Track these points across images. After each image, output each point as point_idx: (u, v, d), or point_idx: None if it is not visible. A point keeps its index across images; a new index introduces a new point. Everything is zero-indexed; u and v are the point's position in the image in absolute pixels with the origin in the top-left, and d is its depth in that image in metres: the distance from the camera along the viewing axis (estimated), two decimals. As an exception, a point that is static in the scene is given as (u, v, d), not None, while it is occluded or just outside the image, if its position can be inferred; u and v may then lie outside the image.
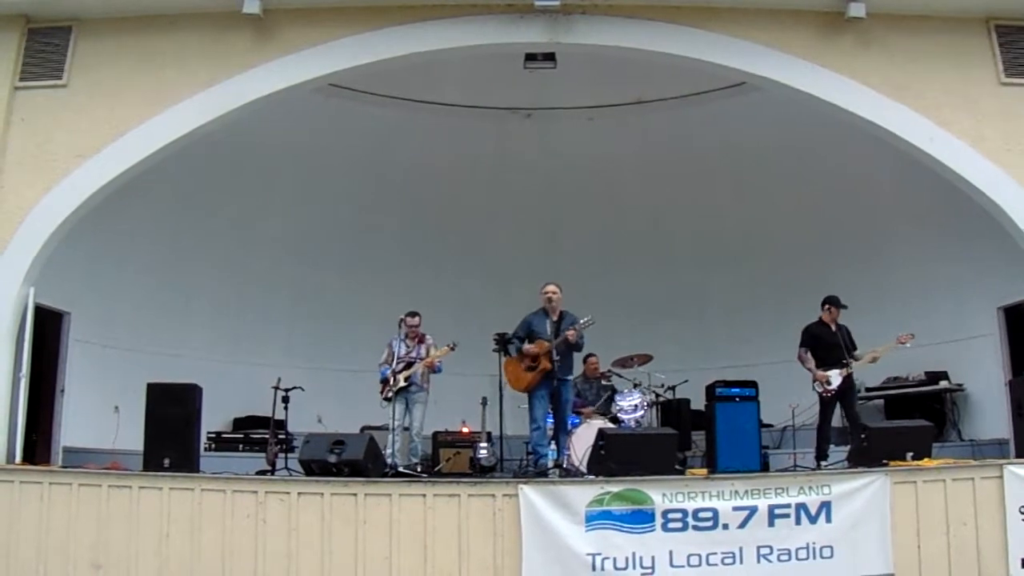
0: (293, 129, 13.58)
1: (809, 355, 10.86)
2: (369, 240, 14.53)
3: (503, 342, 10.49)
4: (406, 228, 14.71)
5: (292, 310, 14.45)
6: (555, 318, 10.33)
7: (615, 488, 8.80)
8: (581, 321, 10.09)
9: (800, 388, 11.37)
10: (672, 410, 12.61)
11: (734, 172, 14.23)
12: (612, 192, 14.59)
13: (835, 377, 10.78)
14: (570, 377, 10.43)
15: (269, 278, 14.35)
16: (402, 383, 10.95)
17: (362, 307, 13.73)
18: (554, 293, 10.37)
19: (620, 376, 12.67)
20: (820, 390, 10.89)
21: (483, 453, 11.66)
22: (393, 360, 11.13)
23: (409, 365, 11.05)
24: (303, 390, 11.73)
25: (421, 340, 11.20)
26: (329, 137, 13.89)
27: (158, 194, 12.88)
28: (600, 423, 11.26)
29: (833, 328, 11.11)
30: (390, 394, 10.92)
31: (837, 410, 10.92)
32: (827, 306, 11.16)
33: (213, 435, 13.01)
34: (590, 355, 12.41)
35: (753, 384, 10.56)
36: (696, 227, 14.57)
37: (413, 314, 11.19)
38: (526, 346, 10.18)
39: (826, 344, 10.99)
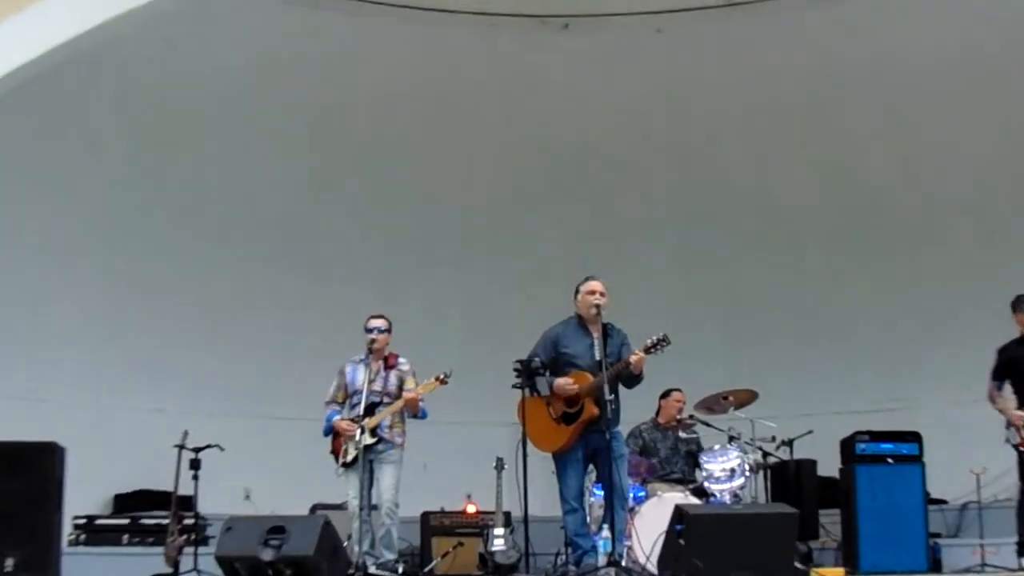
0: (222, 53, 13.68)
1: (1005, 390, 10.80)
2: (326, 219, 14.67)
3: (529, 372, 10.31)
4: (381, 200, 14.77)
5: (207, 328, 14.43)
6: (597, 334, 10.29)
7: (703, 599, 8.63)
8: (653, 339, 9.93)
9: (989, 442, 11.24)
10: (789, 477, 12.50)
11: (883, 104, 14.18)
12: (690, 139, 14.61)
13: (1038, 422, 10.83)
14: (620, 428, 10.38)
15: (172, 278, 14.43)
16: (368, 440, 10.77)
17: (313, 322, 13.84)
18: (603, 295, 10.37)
19: (707, 425, 12.56)
20: (1016, 441, 10.78)
21: (499, 544, 11.66)
22: (347, 397, 11.08)
23: (373, 408, 10.89)
24: (222, 450, 11.60)
25: (391, 364, 11.13)
26: (273, 65, 14.11)
27: (5, 141, 12.96)
28: (677, 496, 11.22)
29: None
30: (350, 457, 10.80)
31: None
32: (1017, 312, 11.22)
33: (83, 521, 12.82)
34: (672, 391, 12.55)
35: (915, 437, 10.52)
36: (823, 188, 14.55)
37: (377, 316, 11.16)
38: (558, 381, 10.19)
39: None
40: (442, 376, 10.67)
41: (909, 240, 14.75)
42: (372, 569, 10.44)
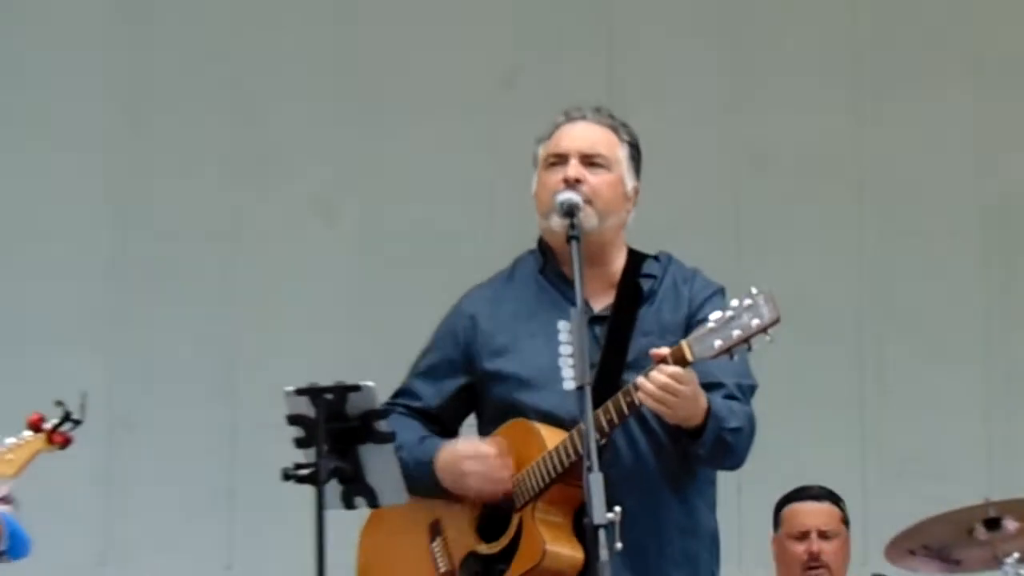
0: None
1: None
2: None
3: (339, 432, 5.12)
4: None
5: None
6: (604, 302, 5.62)
7: None
8: (728, 312, 5.13)
9: None
10: None
11: None
12: None
13: None
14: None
15: None
16: None
17: None
18: (591, 161, 5.51)
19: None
20: None
21: None
22: None
23: None
24: None
25: None
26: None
27: None
28: None
29: None
30: None
31: None
32: None
33: None
34: (799, 496, 8.16)
35: None
36: None
37: None
38: (447, 449, 5.54)
39: None
40: (51, 424, 5.68)
41: None
42: None
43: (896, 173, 10.13)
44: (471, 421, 5.67)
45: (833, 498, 7.57)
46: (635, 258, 5.36)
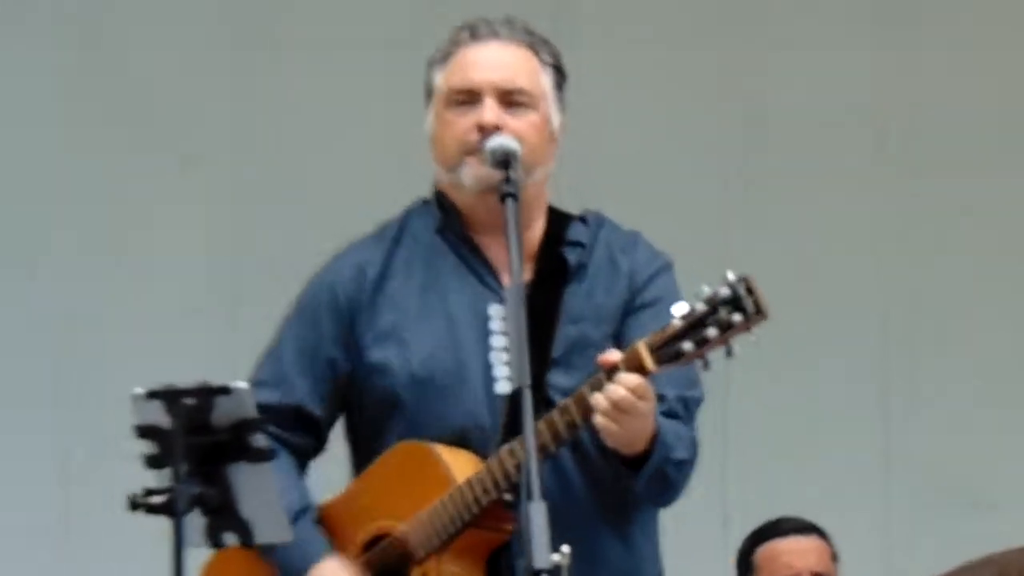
0: None
1: None
2: None
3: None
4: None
5: None
6: (520, 281, 4.22)
7: None
8: (701, 306, 3.98)
9: None
10: None
11: None
12: None
13: None
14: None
15: None
16: None
17: None
18: (511, 100, 4.46)
19: None
20: None
21: None
22: None
23: None
24: None
25: None
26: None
27: None
28: None
29: None
30: None
31: None
32: None
33: None
34: (779, 529, 7.66)
35: None
36: None
37: None
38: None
39: None
40: None
41: None
42: None
43: (929, 129, 9.17)
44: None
45: (819, 531, 6.74)
46: (557, 220, 4.57)
